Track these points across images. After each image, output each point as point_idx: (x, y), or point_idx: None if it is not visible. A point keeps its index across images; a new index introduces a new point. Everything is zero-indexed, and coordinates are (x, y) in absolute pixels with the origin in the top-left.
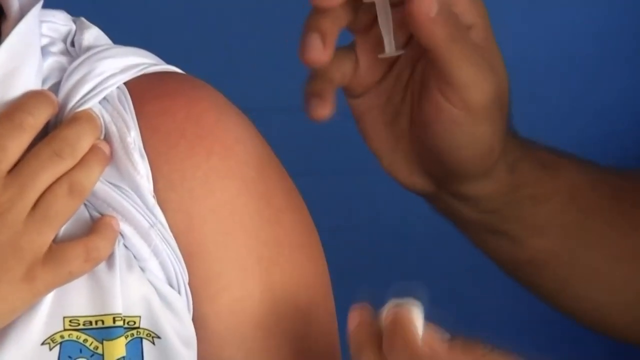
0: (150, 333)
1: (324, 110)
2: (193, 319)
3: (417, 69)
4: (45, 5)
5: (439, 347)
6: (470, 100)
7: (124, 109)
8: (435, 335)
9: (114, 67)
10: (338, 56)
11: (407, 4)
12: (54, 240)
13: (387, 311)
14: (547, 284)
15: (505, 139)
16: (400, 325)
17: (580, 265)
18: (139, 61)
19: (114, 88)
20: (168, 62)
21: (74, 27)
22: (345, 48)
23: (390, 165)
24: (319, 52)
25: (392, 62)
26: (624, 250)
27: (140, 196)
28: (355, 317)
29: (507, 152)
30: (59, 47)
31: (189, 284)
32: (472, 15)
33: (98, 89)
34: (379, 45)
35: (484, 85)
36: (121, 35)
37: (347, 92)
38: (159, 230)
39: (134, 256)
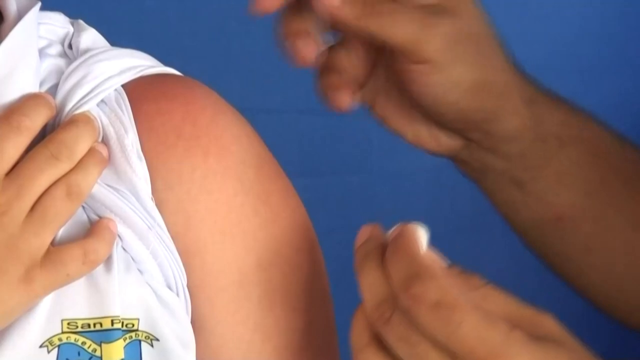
0: (149, 335)
1: (345, 99)
2: (191, 321)
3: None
4: (43, 8)
5: (438, 265)
6: (422, 51)
7: (122, 111)
8: (436, 256)
9: (111, 69)
10: (338, 50)
11: (311, 2)
12: (52, 243)
13: (393, 229)
14: (569, 248)
15: (512, 74)
16: (404, 237)
17: (603, 228)
18: (136, 63)
19: (111, 90)
20: (165, 64)
21: (71, 29)
22: (341, 42)
23: (414, 138)
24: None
25: (376, 51)
26: (636, 219)
27: (138, 198)
28: (365, 233)
29: (521, 86)
30: (56, 49)
31: (187, 285)
32: None
33: (95, 92)
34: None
35: (427, 34)
36: (118, 37)
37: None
38: (157, 232)
39: (132, 258)
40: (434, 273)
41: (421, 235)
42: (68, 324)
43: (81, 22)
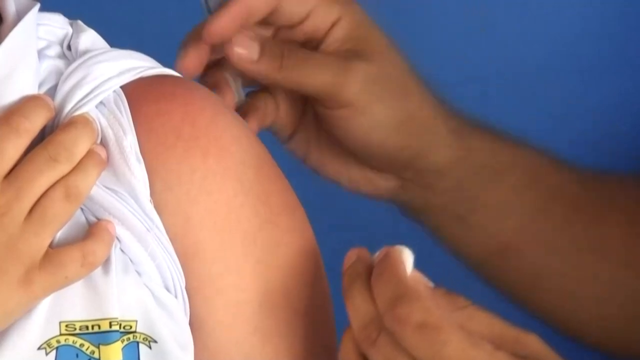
0: (147, 337)
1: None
2: (189, 322)
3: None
4: (43, 9)
5: (423, 286)
6: (340, 97)
7: (121, 112)
8: (422, 277)
9: (110, 70)
10: (259, 98)
11: (228, 56)
12: (51, 245)
13: (379, 251)
14: (519, 277)
15: (435, 108)
16: (389, 259)
17: (549, 253)
18: (135, 64)
19: (110, 92)
20: (165, 64)
21: (70, 30)
22: (265, 93)
23: (351, 184)
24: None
25: (304, 99)
26: (590, 239)
27: (137, 200)
28: (352, 256)
29: (446, 118)
30: (55, 50)
31: (186, 286)
32: (333, 13)
33: (94, 93)
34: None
35: (344, 78)
36: (117, 38)
37: (281, 138)
38: (155, 234)
39: (131, 260)
40: (418, 294)
41: (407, 257)
42: (66, 326)
43: (80, 23)
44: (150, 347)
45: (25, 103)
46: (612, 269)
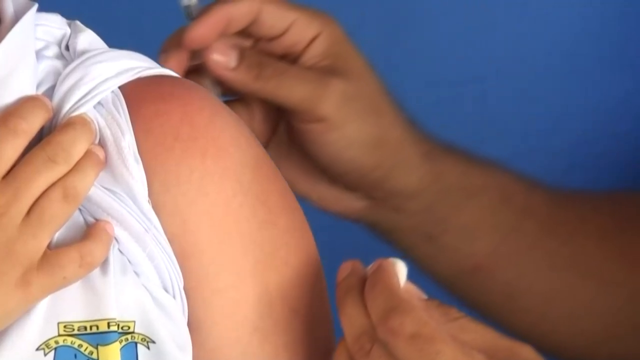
0: (145, 338)
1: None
2: (188, 323)
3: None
4: (41, 9)
5: (416, 298)
6: (316, 112)
7: (119, 113)
8: (415, 289)
9: (108, 71)
10: (234, 107)
11: (206, 62)
12: (49, 246)
13: (373, 263)
14: (491, 297)
15: (406, 129)
16: (382, 271)
17: (521, 272)
18: (133, 65)
19: (108, 92)
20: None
21: (68, 30)
22: (241, 102)
23: (320, 201)
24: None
25: (279, 110)
26: (562, 257)
27: (135, 201)
28: (346, 268)
29: (416, 141)
30: (53, 50)
31: (184, 286)
32: (312, 28)
33: (92, 94)
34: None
35: (322, 93)
36: (116, 38)
37: None
38: (153, 234)
39: (129, 261)
40: (411, 306)
41: (400, 269)
42: (64, 326)
43: (78, 23)
44: (148, 348)
45: (23, 104)
46: (586, 285)
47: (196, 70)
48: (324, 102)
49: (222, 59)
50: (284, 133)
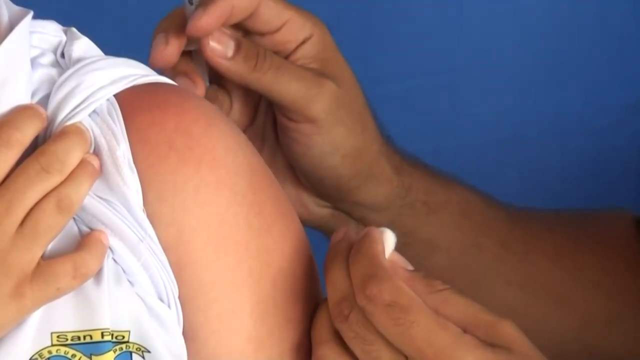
0: (140, 347)
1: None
2: (183, 332)
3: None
4: (36, 16)
5: (401, 268)
6: (309, 111)
7: (114, 121)
8: (401, 259)
9: (104, 79)
10: (215, 91)
11: (203, 50)
12: (42, 256)
13: (363, 231)
14: None
15: (382, 143)
16: (367, 239)
17: (478, 287)
18: (129, 72)
19: (103, 101)
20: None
21: (64, 38)
22: (220, 89)
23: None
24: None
25: (258, 101)
26: (518, 275)
27: (130, 210)
28: (339, 234)
29: (389, 154)
30: (49, 58)
31: (179, 296)
32: (305, 30)
33: (87, 102)
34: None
35: (316, 93)
36: (112, 46)
37: None
38: (148, 244)
39: (123, 270)
40: (390, 274)
41: (387, 238)
42: (58, 336)
43: (74, 30)
44: (143, 357)
45: (17, 113)
46: (540, 304)
47: (185, 55)
48: (317, 103)
49: (220, 47)
50: (260, 126)
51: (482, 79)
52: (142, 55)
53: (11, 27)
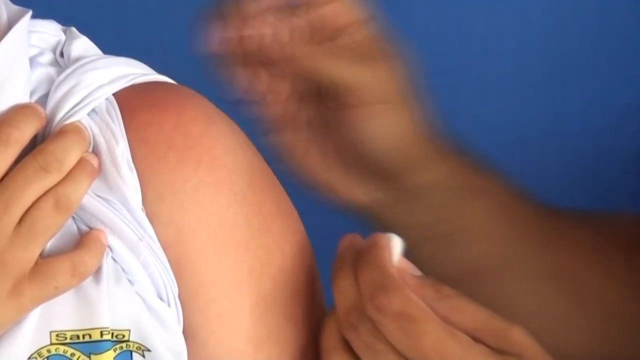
0: (140, 346)
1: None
2: (183, 331)
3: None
4: (35, 16)
5: (409, 275)
6: (369, 94)
7: (113, 120)
8: (409, 266)
9: (102, 78)
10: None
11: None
12: (41, 255)
13: (369, 237)
14: (488, 300)
15: (429, 126)
16: (375, 247)
17: (511, 279)
18: (128, 71)
19: (102, 100)
20: (158, 71)
21: (63, 37)
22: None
23: (329, 185)
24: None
25: (307, 87)
26: (544, 268)
27: (129, 209)
28: (346, 241)
29: (435, 138)
30: (48, 57)
31: (179, 295)
32: (347, 16)
33: (86, 101)
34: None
35: (376, 75)
36: (111, 46)
37: (273, 128)
38: (147, 243)
39: (122, 269)
40: (399, 284)
41: (395, 244)
42: (57, 335)
43: (74, 30)
44: (143, 356)
45: (15, 112)
46: (565, 300)
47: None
48: (376, 87)
49: (274, 31)
50: (304, 111)
51: (482, 80)
52: (142, 55)
53: (10, 26)
